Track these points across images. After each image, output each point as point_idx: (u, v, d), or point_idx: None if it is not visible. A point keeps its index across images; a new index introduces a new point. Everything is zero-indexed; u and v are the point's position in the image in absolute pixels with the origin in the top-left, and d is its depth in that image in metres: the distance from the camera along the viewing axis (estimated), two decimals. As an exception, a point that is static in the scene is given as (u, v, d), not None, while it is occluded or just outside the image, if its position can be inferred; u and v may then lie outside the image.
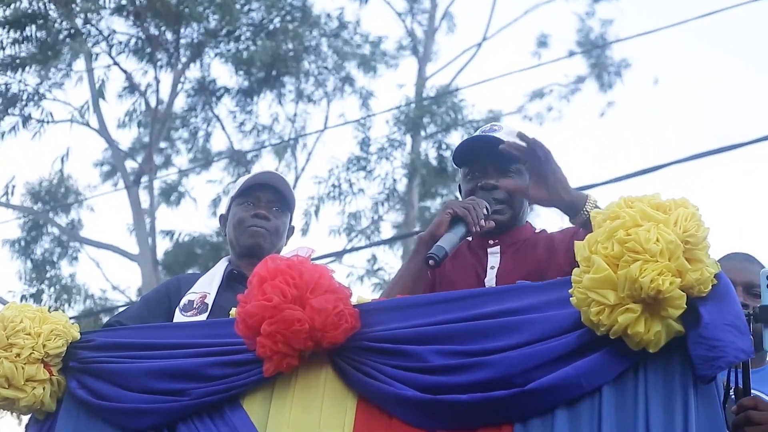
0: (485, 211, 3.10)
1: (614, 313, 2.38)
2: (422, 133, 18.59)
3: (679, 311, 2.37)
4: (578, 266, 2.49)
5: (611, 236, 2.41)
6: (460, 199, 3.32)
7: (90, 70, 17.54)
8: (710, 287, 2.40)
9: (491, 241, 3.29)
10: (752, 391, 2.61)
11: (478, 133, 3.44)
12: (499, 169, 3.25)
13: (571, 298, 2.48)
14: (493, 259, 3.27)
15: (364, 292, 17.58)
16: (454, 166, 3.48)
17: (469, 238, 3.22)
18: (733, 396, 2.60)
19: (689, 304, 2.38)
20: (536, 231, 3.37)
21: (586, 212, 2.92)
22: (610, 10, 21.81)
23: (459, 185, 3.43)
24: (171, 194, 19.39)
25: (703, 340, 2.36)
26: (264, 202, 3.73)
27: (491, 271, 3.24)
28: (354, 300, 2.80)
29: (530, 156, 3.00)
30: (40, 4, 15.89)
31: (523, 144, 2.99)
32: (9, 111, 17.14)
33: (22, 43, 16.41)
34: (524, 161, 3.04)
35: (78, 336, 3.12)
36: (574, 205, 2.96)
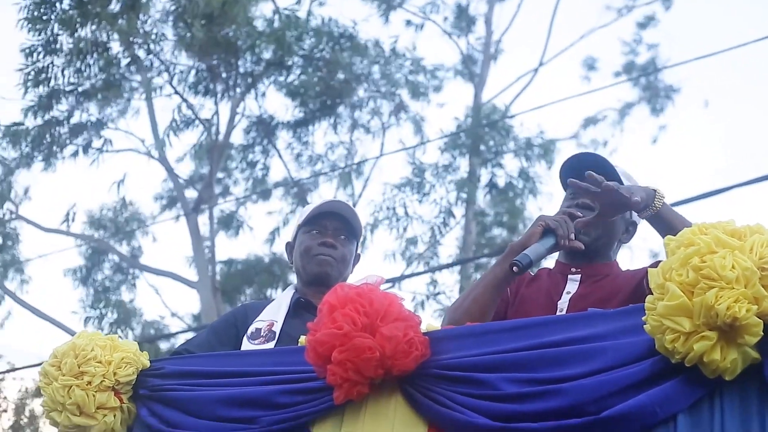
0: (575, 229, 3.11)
1: (689, 341, 2.35)
2: (479, 158, 18.59)
3: (755, 338, 2.33)
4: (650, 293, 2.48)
5: (686, 263, 2.39)
6: None
7: (149, 99, 17.76)
8: (787, 314, 2.36)
9: (573, 269, 3.29)
10: None
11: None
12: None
13: (644, 326, 2.46)
14: (571, 285, 3.27)
15: (426, 318, 17.55)
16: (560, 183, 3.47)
17: (553, 264, 3.22)
18: None
19: (766, 331, 2.34)
20: (622, 270, 3.36)
21: (655, 206, 3.03)
22: (656, 35, 21.77)
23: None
24: (230, 222, 19.51)
25: (780, 368, 2.32)
26: (331, 231, 3.75)
27: (566, 295, 3.24)
28: (424, 327, 2.79)
29: (602, 197, 3.04)
30: (103, 33, 16.13)
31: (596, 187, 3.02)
32: (71, 140, 17.39)
33: (84, 71, 16.66)
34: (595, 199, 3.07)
35: (148, 364, 3.15)
36: (646, 205, 3.04)
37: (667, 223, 3.00)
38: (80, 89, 16.82)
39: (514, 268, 2.95)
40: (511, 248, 3.11)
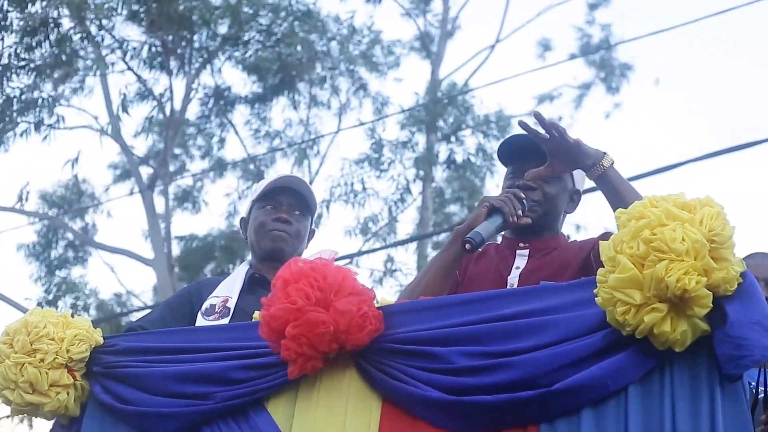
0: (522, 206, 3.11)
1: (640, 313, 2.38)
2: (437, 135, 18.61)
3: (705, 310, 2.36)
4: (602, 266, 2.50)
5: (636, 236, 2.41)
6: None
7: (103, 75, 17.59)
8: (736, 286, 2.39)
9: (521, 244, 3.30)
10: None
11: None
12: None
13: (596, 298, 2.48)
14: (520, 260, 3.27)
15: (384, 294, 17.61)
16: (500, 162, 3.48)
17: (499, 240, 3.23)
18: (762, 397, 2.61)
19: (715, 303, 2.37)
20: (568, 241, 3.39)
21: (602, 167, 3.04)
22: (608, 14, 21.83)
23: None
24: (186, 198, 19.43)
25: (729, 339, 2.35)
26: (285, 206, 3.74)
27: (515, 270, 3.25)
28: (377, 302, 2.79)
29: (549, 138, 3.06)
30: (54, 11, 15.93)
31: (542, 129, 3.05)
32: (22, 118, 17.18)
33: (35, 48, 16.46)
34: (544, 142, 3.08)
35: (101, 341, 3.13)
36: (591, 156, 3.06)
37: (613, 186, 3.02)
38: (32, 65, 16.61)
39: (467, 246, 2.95)
40: (457, 231, 3.12)
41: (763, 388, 2.67)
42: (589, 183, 3.26)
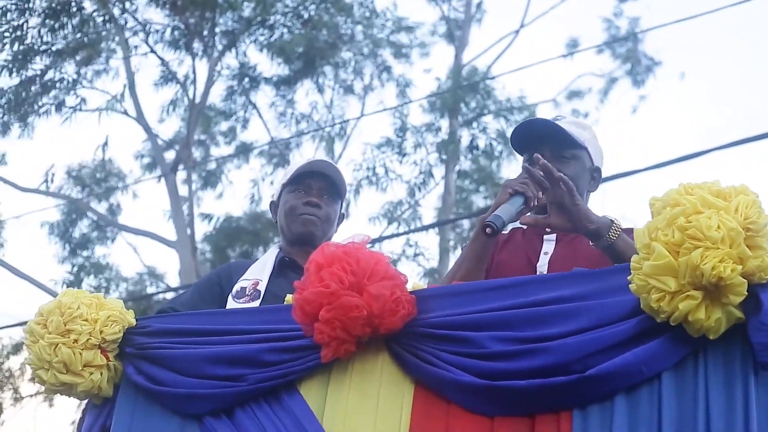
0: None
1: (675, 300, 2.38)
2: (459, 119, 18.58)
3: (740, 298, 2.36)
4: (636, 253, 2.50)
5: (672, 223, 2.40)
6: None
7: (126, 58, 17.65)
8: (771, 274, 2.39)
9: (548, 229, 3.27)
10: None
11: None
12: (554, 155, 3.23)
13: (630, 285, 2.48)
14: (548, 245, 3.27)
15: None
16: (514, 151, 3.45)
17: (524, 226, 3.22)
18: None
19: (750, 291, 2.36)
20: None
21: (610, 238, 2.94)
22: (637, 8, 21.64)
23: None
24: (209, 182, 19.47)
25: (763, 327, 2.34)
26: (315, 190, 3.75)
27: (544, 256, 3.25)
28: (410, 286, 2.81)
29: (554, 187, 2.97)
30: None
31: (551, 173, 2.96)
32: (43, 99, 17.26)
33: (58, 31, 16.52)
34: (547, 188, 2.99)
35: (134, 322, 3.15)
36: (598, 232, 2.95)
37: (620, 254, 2.93)
38: (54, 48, 16.67)
39: (487, 230, 2.91)
40: (482, 220, 3.07)
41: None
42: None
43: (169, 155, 18.75)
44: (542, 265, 3.22)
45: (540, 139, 3.26)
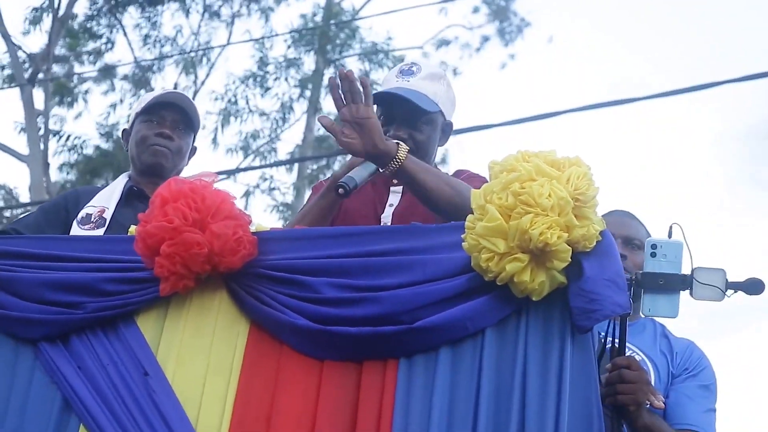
0: None
1: (503, 261, 2.50)
2: (323, 56, 18.50)
3: (563, 264, 2.49)
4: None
5: (506, 188, 2.51)
6: None
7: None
8: (595, 243, 2.53)
9: (395, 181, 3.32)
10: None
11: (395, 72, 3.44)
12: (407, 121, 3.28)
13: (463, 243, 2.59)
14: (394, 197, 3.34)
15: (258, 209, 17.64)
16: None
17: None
18: (609, 347, 2.76)
19: (574, 258, 2.50)
20: None
21: (396, 162, 2.97)
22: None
23: None
24: (67, 98, 18.97)
25: (583, 293, 2.49)
26: (168, 122, 3.75)
27: (389, 208, 3.32)
28: (253, 227, 2.86)
29: (352, 98, 2.97)
30: None
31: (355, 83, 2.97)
32: None
33: None
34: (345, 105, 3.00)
35: (-27, 242, 3.12)
36: (387, 153, 2.98)
37: (412, 176, 2.99)
38: None
39: (340, 191, 2.95)
40: (335, 178, 3.12)
41: (610, 339, 2.82)
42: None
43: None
44: (386, 216, 3.30)
45: (395, 106, 3.29)
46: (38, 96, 17.76)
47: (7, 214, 17.12)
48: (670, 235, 2.76)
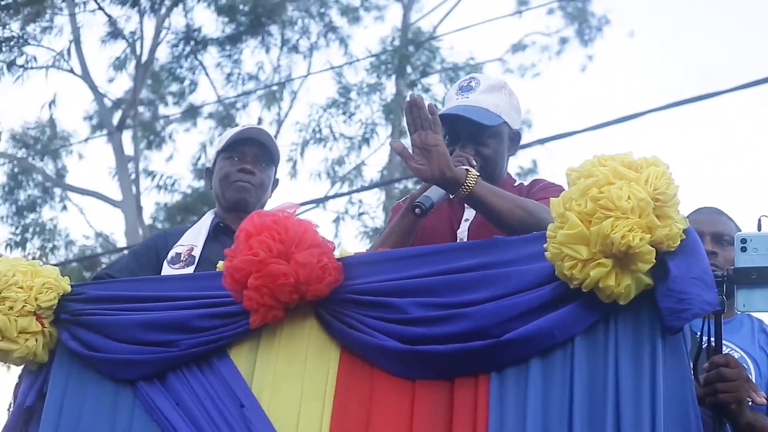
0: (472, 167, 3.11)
1: (586, 268, 2.48)
2: (404, 79, 18.56)
3: (648, 265, 2.47)
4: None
5: (585, 194, 2.50)
6: None
7: (72, 15, 17.45)
8: (679, 242, 2.49)
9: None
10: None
11: (454, 90, 3.45)
12: (471, 138, 3.30)
13: (545, 253, 2.58)
14: (469, 212, 3.33)
15: (349, 236, 17.70)
16: None
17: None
18: (705, 347, 2.72)
19: (658, 259, 2.47)
20: (515, 184, 3.41)
21: (466, 189, 2.98)
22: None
23: None
24: (155, 140, 19.30)
25: (671, 293, 2.46)
26: (249, 157, 3.81)
27: (464, 223, 3.32)
28: (337, 253, 2.88)
29: (421, 124, 3.00)
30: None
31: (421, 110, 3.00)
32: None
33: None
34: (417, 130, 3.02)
35: (69, 289, 3.19)
36: (456, 181, 2.98)
37: (483, 201, 3.00)
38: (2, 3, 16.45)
39: (417, 210, 3.00)
40: (413, 197, 3.15)
41: (707, 338, 2.78)
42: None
43: (118, 116, 18.55)
44: (462, 232, 3.30)
45: (458, 122, 3.30)
46: (127, 142, 18.11)
47: (105, 259, 17.41)
48: (759, 228, 2.70)
